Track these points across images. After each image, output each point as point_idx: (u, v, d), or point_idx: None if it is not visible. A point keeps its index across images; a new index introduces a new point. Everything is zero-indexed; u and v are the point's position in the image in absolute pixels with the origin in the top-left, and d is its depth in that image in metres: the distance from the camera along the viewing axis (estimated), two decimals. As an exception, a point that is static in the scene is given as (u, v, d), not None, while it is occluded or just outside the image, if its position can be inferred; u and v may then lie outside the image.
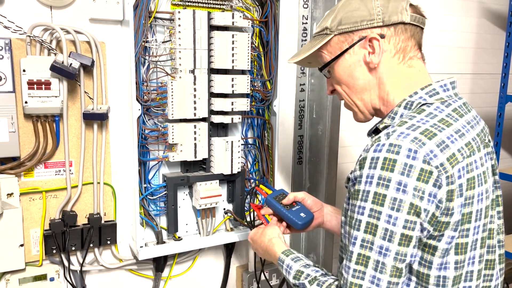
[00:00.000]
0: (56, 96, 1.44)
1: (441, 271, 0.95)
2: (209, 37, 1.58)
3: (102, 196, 1.62)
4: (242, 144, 1.76)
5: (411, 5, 1.05)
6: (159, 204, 1.67)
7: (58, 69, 1.40)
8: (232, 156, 1.67)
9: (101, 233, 1.62)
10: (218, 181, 1.70)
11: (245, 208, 1.80)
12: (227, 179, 1.75)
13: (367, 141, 1.03)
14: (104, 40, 1.54)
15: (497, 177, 1.06)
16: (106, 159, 1.60)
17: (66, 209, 1.56)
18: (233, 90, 1.63)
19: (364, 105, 1.10)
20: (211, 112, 1.65)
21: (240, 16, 1.60)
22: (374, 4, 1.03)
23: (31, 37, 1.41)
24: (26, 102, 1.40)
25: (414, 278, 0.98)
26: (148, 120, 1.59)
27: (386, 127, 1.02)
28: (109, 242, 1.64)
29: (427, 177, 0.88)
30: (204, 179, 1.67)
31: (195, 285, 1.91)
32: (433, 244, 0.94)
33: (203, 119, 1.64)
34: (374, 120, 1.12)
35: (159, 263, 1.77)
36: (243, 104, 1.66)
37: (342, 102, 1.17)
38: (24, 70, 1.39)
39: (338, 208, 1.46)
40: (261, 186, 1.59)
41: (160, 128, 1.59)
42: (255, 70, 1.75)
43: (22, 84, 1.39)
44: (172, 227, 1.68)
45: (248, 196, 1.77)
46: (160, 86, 1.57)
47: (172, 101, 1.54)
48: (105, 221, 1.63)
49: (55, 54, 1.44)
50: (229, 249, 1.93)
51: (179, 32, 1.52)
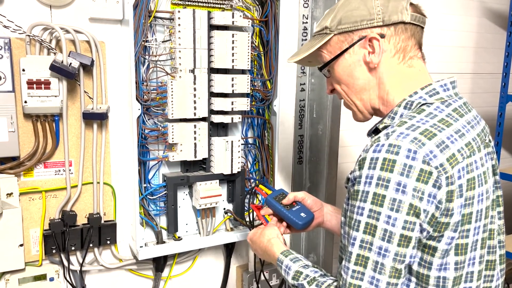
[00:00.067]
0: (56, 96, 1.44)
1: (441, 272, 0.95)
2: (209, 37, 1.57)
3: (102, 196, 1.61)
4: (242, 144, 1.76)
5: (412, 4, 1.05)
6: (159, 204, 1.67)
7: (58, 69, 1.39)
8: (232, 156, 1.67)
9: (101, 233, 1.61)
10: (218, 181, 1.69)
11: (245, 208, 1.80)
12: (227, 179, 1.75)
13: (367, 141, 1.03)
14: (104, 40, 1.54)
15: (498, 177, 1.05)
16: (106, 159, 1.60)
17: (66, 209, 1.56)
18: (233, 90, 1.62)
19: (363, 105, 1.10)
20: (211, 112, 1.64)
21: (240, 16, 1.59)
22: (374, 4, 1.02)
23: (31, 37, 1.40)
24: (26, 102, 1.40)
25: (414, 279, 0.97)
26: (148, 120, 1.58)
27: (386, 127, 1.01)
28: (109, 242, 1.64)
29: (427, 178, 0.88)
30: (204, 179, 1.66)
31: (195, 285, 1.91)
32: (433, 245, 0.93)
33: (203, 119, 1.63)
34: (374, 120, 1.12)
35: (159, 263, 1.76)
36: (243, 104, 1.66)
37: (342, 102, 1.16)
38: (24, 70, 1.39)
39: (338, 208, 1.46)
40: (261, 186, 1.58)
41: (160, 128, 1.58)
42: (255, 70, 1.75)
43: (22, 84, 1.39)
44: (172, 227, 1.68)
45: (248, 196, 1.77)
46: (160, 86, 1.57)
47: (172, 101, 1.53)
48: (105, 221, 1.63)
49: (55, 54, 1.43)
50: (229, 249, 1.93)
51: (179, 32, 1.51)
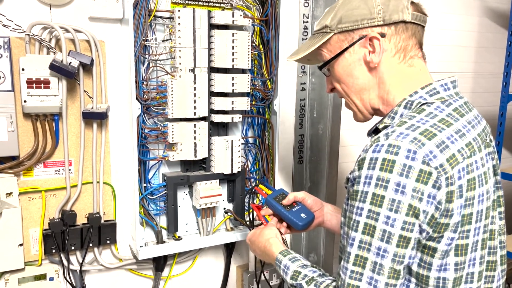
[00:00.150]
0: (55, 95, 1.44)
1: (441, 273, 0.94)
2: (209, 36, 1.57)
3: (102, 196, 1.61)
4: (243, 144, 1.75)
5: (413, 3, 1.04)
6: (159, 204, 1.67)
7: (57, 68, 1.39)
8: (232, 156, 1.66)
9: (101, 233, 1.61)
10: (218, 181, 1.69)
11: (245, 208, 1.80)
12: (227, 179, 1.75)
13: (368, 141, 1.02)
14: (104, 39, 1.53)
15: (499, 177, 1.05)
16: (106, 159, 1.59)
17: (66, 209, 1.55)
18: (233, 89, 1.62)
19: (363, 105, 1.09)
20: (211, 111, 1.64)
21: (241, 15, 1.59)
22: (375, 3, 1.02)
23: (30, 36, 1.40)
24: (25, 101, 1.40)
25: (414, 280, 0.97)
26: (148, 119, 1.58)
27: (386, 127, 1.01)
28: (109, 242, 1.63)
29: (426, 178, 0.87)
30: (204, 179, 1.66)
31: (195, 285, 1.90)
32: (433, 246, 0.93)
33: (203, 118, 1.63)
34: (375, 120, 1.11)
35: (159, 263, 1.76)
36: (244, 103, 1.65)
37: (344, 102, 1.16)
38: (23, 69, 1.38)
39: (339, 207, 1.45)
40: (261, 186, 1.57)
41: (160, 127, 1.58)
42: (256, 69, 1.74)
43: (21, 83, 1.39)
44: (172, 227, 1.68)
45: (248, 196, 1.76)
46: (160, 85, 1.56)
47: (172, 100, 1.53)
48: (105, 221, 1.63)
49: (54, 53, 1.43)
50: (229, 249, 1.92)
51: (179, 31, 1.51)
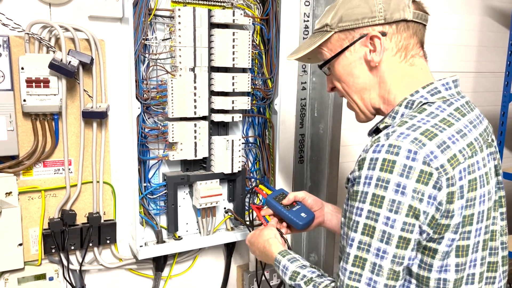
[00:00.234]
0: (55, 94, 1.43)
1: (442, 274, 0.94)
2: (210, 35, 1.56)
3: (102, 195, 1.60)
4: (243, 143, 1.75)
5: (414, 2, 1.03)
6: (159, 203, 1.66)
7: (57, 67, 1.39)
8: (233, 155, 1.66)
9: (101, 232, 1.60)
10: (219, 180, 1.68)
11: (246, 208, 1.79)
12: (228, 178, 1.74)
13: (368, 141, 1.02)
14: (104, 38, 1.53)
15: (500, 178, 1.04)
16: (106, 158, 1.59)
17: (65, 208, 1.55)
18: (234, 89, 1.61)
19: (364, 105, 1.09)
20: (212, 111, 1.63)
21: (241, 14, 1.58)
22: (376, 1, 1.01)
23: (30, 35, 1.39)
24: (25, 100, 1.39)
25: (414, 281, 0.96)
26: (148, 119, 1.57)
27: (387, 127, 1.00)
28: (109, 242, 1.63)
29: (427, 179, 0.86)
30: (205, 178, 1.65)
31: (195, 285, 1.90)
32: (433, 247, 0.92)
33: (204, 118, 1.62)
34: (376, 120, 1.11)
35: (159, 263, 1.76)
36: (244, 103, 1.65)
37: (346, 102, 1.15)
38: (23, 68, 1.38)
39: (339, 207, 1.45)
40: (261, 186, 1.57)
41: (160, 127, 1.57)
42: (256, 68, 1.74)
43: (21, 82, 1.38)
44: (172, 227, 1.67)
45: (249, 196, 1.76)
46: (160, 84, 1.56)
47: (172, 100, 1.52)
48: (105, 220, 1.62)
49: (54, 52, 1.42)
50: (230, 249, 1.92)
51: (179, 30, 1.50)
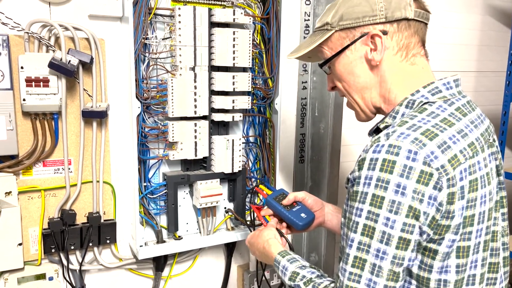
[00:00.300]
0: (55, 94, 1.43)
1: (442, 275, 0.93)
2: (210, 34, 1.56)
3: (102, 195, 1.60)
4: (243, 143, 1.74)
5: (415, 0, 1.02)
6: (159, 203, 1.66)
7: (57, 66, 1.38)
8: (233, 155, 1.65)
9: (101, 232, 1.60)
10: (219, 180, 1.68)
11: (246, 207, 1.79)
12: (228, 178, 1.74)
13: (369, 140, 1.01)
14: (104, 37, 1.52)
15: (502, 178, 1.03)
16: (106, 158, 1.58)
17: (65, 208, 1.54)
18: (234, 88, 1.61)
19: (365, 104, 1.08)
20: (212, 110, 1.63)
21: (241, 13, 1.58)
22: (377, 0, 1.01)
23: (29, 34, 1.39)
24: (24, 100, 1.39)
25: (414, 282, 0.96)
26: (148, 118, 1.57)
27: (387, 127, 0.99)
28: (109, 241, 1.62)
29: (427, 179, 0.86)
30: (205, 178, 1.65)
31: (196, 285, 1.89)
32: (434, 248, 0.91)
33: (204, 117, 1.62)
34: (376, 119, 1.10)
35: (159, 263, 1.75)
36: (244, 102, 1.64)
37: (346, 102, 1.15)
38: (22, 67, 1.37)
39: (340, 207, 1.44)
40: (261, 186, 1.56)
41: (160, 126, 1.57)
42: (257, 68, 1.73)
43: (20, 81, 1.38)
44: (172, 226, 1.67)
45: (249, 195, 1.75)
46: (160, 84, 1.55)
47: (172, 99, 1.52)
48: (105, 220, 1.62)
49: (54, 51, 1.42)
50: (230, 249, 1.91)
51: (180, 29, 1.50)
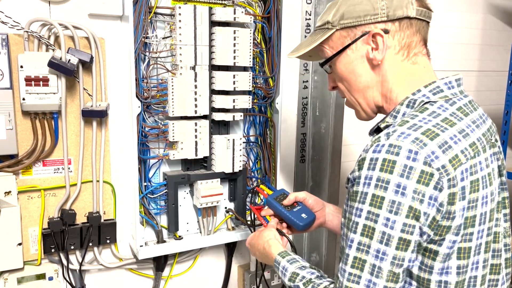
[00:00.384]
0: (54, 93, 1.42)
1: (443, 276, 0.92)
2: (210, 33, 1.55)
3: (102, 195, 1.59)
4: (244, 142, 1.74)
5: None
6: (160, 203, 1.65)
7: (56, 65, 1.37)
8: (234, 154, 1.65)
9: (101, 232, 1.59)
10: (219, 180, 1.67)
11: (247, 207, 1.78)
12: (229, 178, 1.73)
13: (369, 140, 1.00)
14: (104, 36, 1.52)
15: (504, 178, 1.02)
16: (106, 157, 1.58)
17: (65, 208, 1.54)
18: (235, 87, 1.60)
19: (367, 103, 1.07)
20: (212, 110, 1.62)
21: (242, 12, 1.57)
22: None
23: (29, 33, 1.38)
24: (24, 99, 1.38)
25: (415, 283, 0.95)
26: (148, 118, 1.56)
27: (388, 126, 0.99)
28: (109, 241, 1.62)
29: (428, 180, 0.85)
30: (205, 178, 1.64)
31: (196, 285, 1.89)
32: (434, 249, 0.91)
33: (204, 117, 1.61)
34: (377, 119, 1.09)
35: (160, 263, 1.75)
36: (245, 102, 1.63)
37: (345, 100, 1.14)
38: (22, 66, 1.37)
39: (341, 208, 1.43)
40: (262, 187, 1.56)
41: (161, 126, 1.56)
42: (257, 67, 1.73)
43: (20, 81, 1.37)
44: (173, 226, 1.66)
45: (249, 195, 1.74)
46: (161, 83, 1.54)
47: (173, 98, 1.51)
48: (105, 220, 1.61)
49: (53, 50, 1.41)
50: (231, 249, 1.91)
51: (180, 28, 1.49)
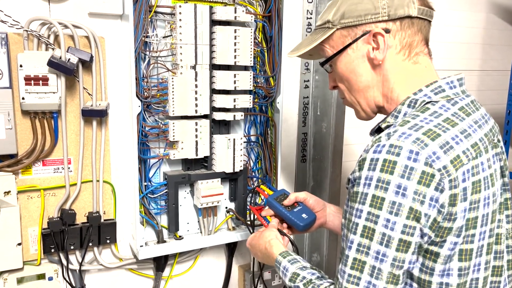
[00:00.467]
0: (54, 92, 1.41)
1: (444, 278, 0.91)
2: (211, 32, 1.54)
3: (102, 194, 1.59)
4: (245, 142, 1.73)
5: None
6: (160, 203, 1.64)
7: (56, 65, 1.37)
8: (234, 154, 1.64)
9: (101, 232, 1.59)
10: (220, 180, 1.66)
11: (248, 207, 1.77)
12: (229, 178, 1.72)
13: (370, 140, 1.00)
14: (104, 35, 1.51)
15: (507, 179, 1.01)
16: (106, 157, 1.57)
17: (65, 208, 1.53)
18: (236, 87, 1.59)
19: (367, 103, 1.06)
20: (213, 109, 1.61)
21: (243, 11, 1.56)
22: None
23: (29, 32, 1.38)
24: (23, 98, 1.38)
25: (415, 285, 0.94)
26: (149, 117, 1.56)
27: (389, 126, 0.98)
28: (109, 241, 1.61)
29: (429, 181, 0.84)
30: (206, 177, 1.64)
31: (196, 285, 1.88)
32: (435, 250, 0.90)
33: (205, 116, 1.60)
34: (378, 118, 1.08)
35: (160, 263, 1.74)
36: (246, 101, 1.63)
37: (343, 99, 1.13)
38: (21, 66, 1.36)
39: (341, 208, 1.43)
40: (262, 187, 1.55)
41: (161, 125, 1.55)
42: (258, 66, 1.72)
43: (19, 80, 1.37)
44: (173, 226, 1.66)
45: (250, 195, 1.74)
46: (161, 82, 1.54)
47: (173, 98, 1.51)
48: (105, 220, 1.61)
49: (53, 49, 1.41)
50: (231, 249, 1.90)
51: (180, 27, 1.48)
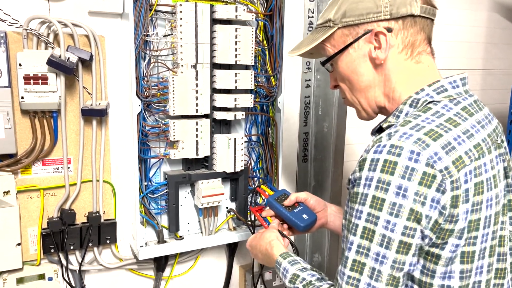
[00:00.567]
0: (54, 92, 1.41)
1: (445, 280, 0.90)
2: (212, 31, 1.53)
3: (102, 194, 1.58)
4: (246, 142, 1.72)
5: None
6: (160, 203, 1.64)
7: (55, 64, 1.36)
8: (235, 154, 1.63)
9: (101, 232, 1.58)
10: (221, 179, 1.66)
11: (248, 207, 1.76)
12: (230, 177, 1.71)
13: (371, 140, 0.99)
14: (104, 34, 1.50)
15: (510, 180, 1.00)
16: (106, 156, 1.56)
17: (65, 207, 1.53)
18: (236, 86, 1.58)
19: (368, 103, 1.05)
20: (214, 109, 1.61)
21: (244, 9, 1.55)
22: None
23: (28, 30, 1.37)
24: (23, 98, 1.37)
25: (417, 287, 0.93)
26: (149, 117, 1.55)
27: (390, 126, 0.97)
28: (109, 241, 1.61)
29: (430, 182, 0.83)
30: (206, 177, 1.63)
31: (197, 285, 1.87)
32: (436, 253, 0.89)
33: (205, 116, 1.60)
34: (380, 118, 1.07)
35: (160, 263, 1.73)
36: (247, 100, 1.62)
37: (344, 99, 1.12)
38: (20, 65, 1.35)
39: (343, 208, 1.42)
40: (263, 187, 1.55)
41: (161, 125, 1.55)
42: (259, 65, 1.71)
43: (19, 79, 1.36)
44: (174, 226, 1.65)
45: (251, 195, 1.73)
46: (161, 82, 1.53)
47: (173, 97, 1.50)
48: (105, 220, 1.60)
49: (53, 48, 1.40)
50: (232, 249, 1.89)
51: (181, 26, 1.47)
